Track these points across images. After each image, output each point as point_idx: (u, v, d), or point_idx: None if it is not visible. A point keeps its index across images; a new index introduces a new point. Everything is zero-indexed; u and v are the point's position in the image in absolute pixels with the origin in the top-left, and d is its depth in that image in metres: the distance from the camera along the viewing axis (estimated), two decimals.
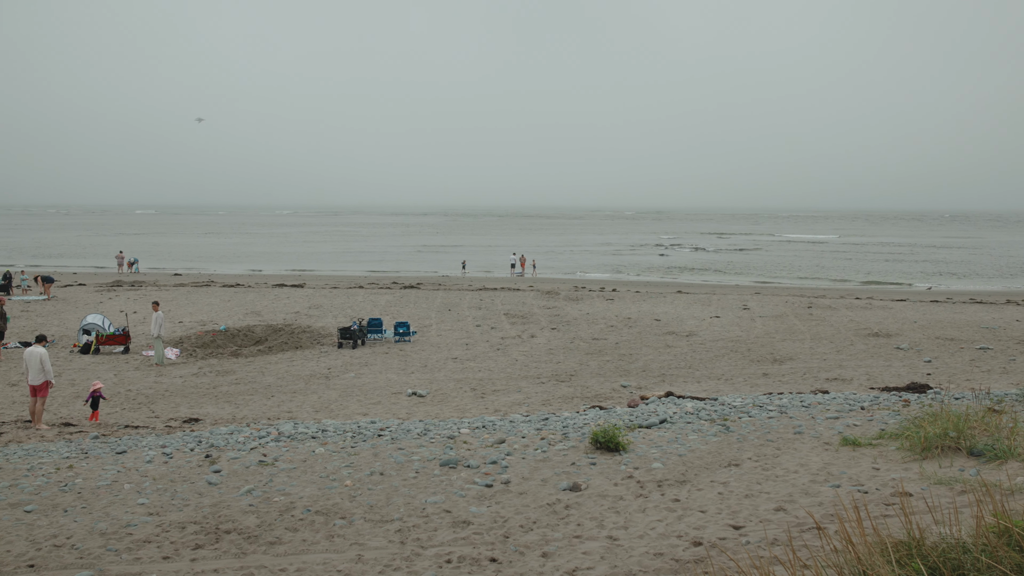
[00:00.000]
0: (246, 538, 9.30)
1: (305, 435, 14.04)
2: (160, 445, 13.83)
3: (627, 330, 30.51)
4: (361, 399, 19.71)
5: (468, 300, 40.03)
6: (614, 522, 9.44)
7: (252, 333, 29.39)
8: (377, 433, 14.08)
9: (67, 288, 47.35)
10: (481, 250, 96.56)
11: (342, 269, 69.61)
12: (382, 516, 9.84)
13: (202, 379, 22.71)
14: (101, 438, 15.18)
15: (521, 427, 14.25)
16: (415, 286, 48.24)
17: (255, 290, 45.60)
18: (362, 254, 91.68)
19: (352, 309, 36.37)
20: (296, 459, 12.44)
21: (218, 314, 35.18)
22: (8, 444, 15.02)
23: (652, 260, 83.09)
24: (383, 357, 25.53)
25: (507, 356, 25.47)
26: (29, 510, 10.43)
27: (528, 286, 48.71)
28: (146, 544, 9.20)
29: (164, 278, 55.92)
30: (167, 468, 12.24)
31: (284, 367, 24.19)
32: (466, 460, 11.99)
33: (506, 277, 59.97)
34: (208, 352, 27.02)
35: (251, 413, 18.28)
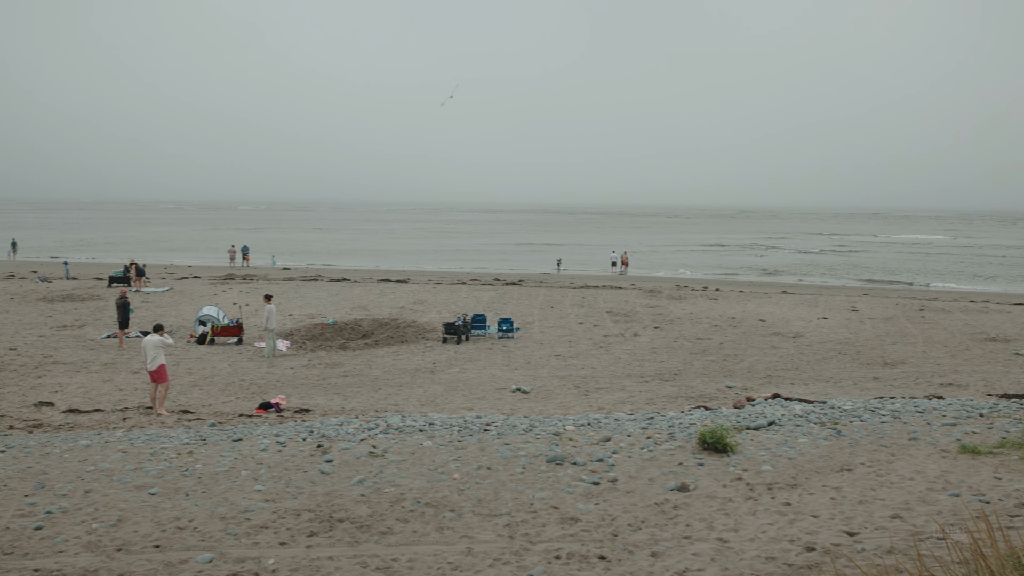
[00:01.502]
0: (359, 527, 9.52)
1: (413, 428, 14.27)
2: (274, 434, 14.24)
3: (732, 330, 30.10)
4: (466, 394, 19.93)
5: (570, 298, 40.03)
6: (724, 524, 9.36)
7: (359, 327, 29.96)
8: (483, 428, 14.22)
9: (183, 281, 49.01)
10: (574, 248, 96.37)
11: (444, 265, 70.39)
12: (490, 510, 9.95)
13: (312, 371, 23.27)
14: (218, 426, 15.71)
15: (626, 425, 14.21)
16: (517, 283, 48.44)
17: (361, 285, 46.43)
18: (461, 251, 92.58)
19: (456, 305, 36.75)
20: (404, 451, 12.66)
21: (326, 308, 35.96)
22: (132, 429, 15.68)
23: (752, 260, 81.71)
24: (487, 353, 25.74)
25: (610, 354, 25.41)
26: (153, 492, 10.87)
27: (629, 284, 48.43)
28: (263, 529, 9.51)
29: (274, 272, 57.41)
30: (281, 456, 12.60)
31: (390, 361, 24.61)
32: (572, 457, 12.03)
33: (606, 275, 59.74)
34: (317, 345, 27.66)
35: (359, 405, 18.65)
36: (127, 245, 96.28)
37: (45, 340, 27.98)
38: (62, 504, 10.47)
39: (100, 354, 25.67)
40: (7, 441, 14.34)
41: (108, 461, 12.58)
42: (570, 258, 75.48)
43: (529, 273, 59.62)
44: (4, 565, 8.64)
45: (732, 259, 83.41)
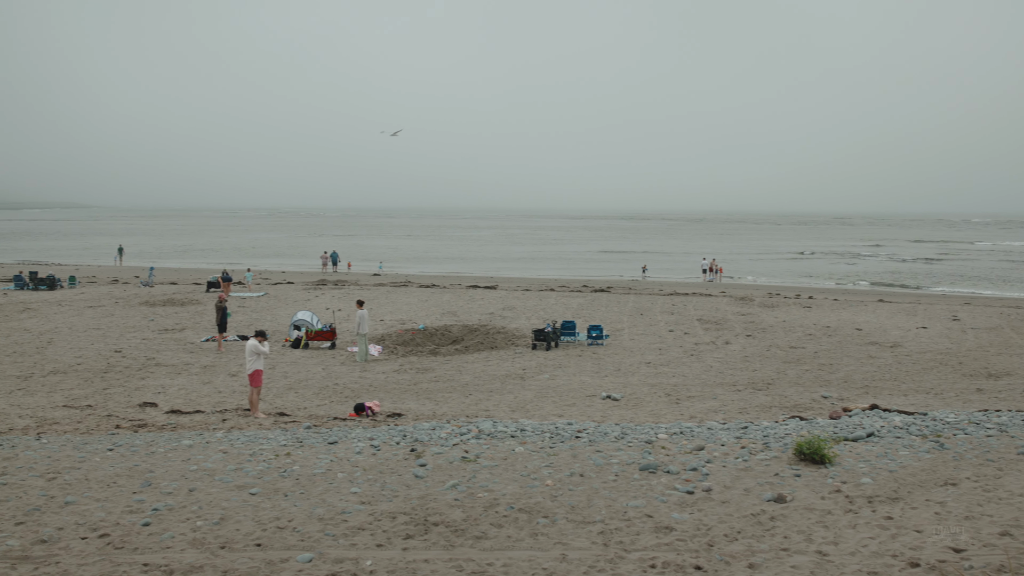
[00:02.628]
0: (453, 531, 9.61)
1: (504, 434, 14.34)
2: (368, 437, 14.46)
3: (826, 339, 29.50)
4: (556, 400, 19.94)
5: (660, 305, 39.74)
6: (823, 537, 9.19)
7: (449, 332, 30.25)
8: (575, 435, 14.21)
9: (277, 286, 50.13)
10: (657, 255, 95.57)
11: (531, 271, 70.59)
12: (584, 517, 9.94)
13: (403, 375, 23.57)
14: (313, 428, 16.04)
15: (719, 435, 14.05)
16: (605, 290, 48.30)
17: (450, 291, 46.85)
18: (547, 257, 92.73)
19: (544, 311, 36.81)
20: (497, 456, 12.73)
21: (416, 313, 36.38)
22: (231, 430, 16.10)
23: (844, 268, 79.94)
24: (576, 360, 25.72)
25: (701, 362, 25.14)
26: (254, 492, 11.15)
27: (720, 292, 47.85)
28: (360, 531, 9.67)
29: (364, 277, 58.33)
30: (376, 460, 12.79)
31: (480, 366, 24.77)
32: (665, 465, 11.94)
33: (696, 282, 59.17)
34: (408, 350, 28.00)
35: (450, 410, 18.82)
36: (225, 251, 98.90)
37: (148, 343, 28.91)
38: (168, 502, 10.82)
39: (200, 357, 26.42)
40: (115, 440, 14.88)
41: (210, 461, 12.94)
42: (654, 265, 74.89)
43: (617, 280, 59.38)
44: (116, 559, 8.96)
45: (824, 266, 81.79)
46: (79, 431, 16.56)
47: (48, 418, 17.94)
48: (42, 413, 18.51)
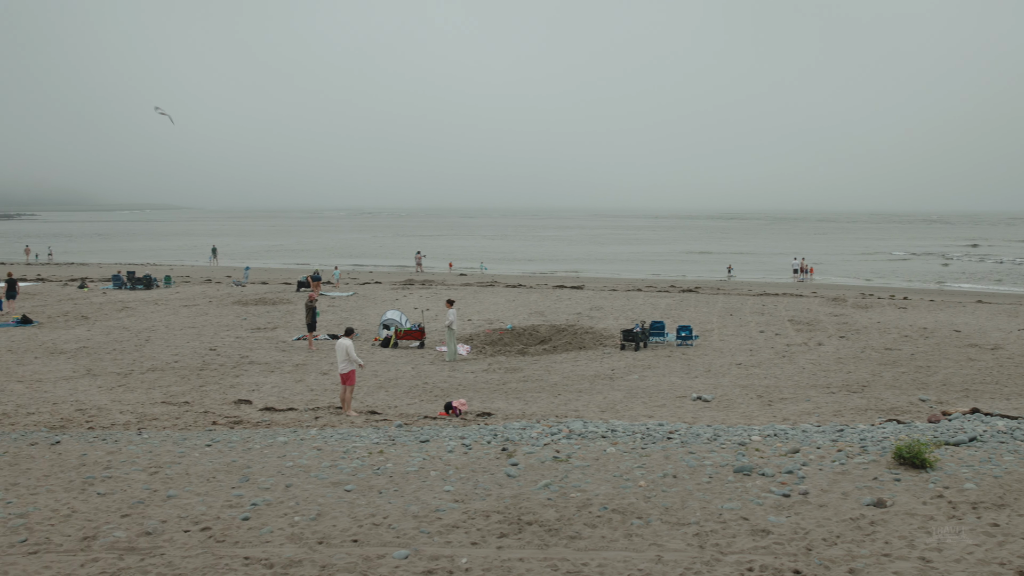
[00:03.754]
0: (547, 530, 9.60)
1: (595, 434, 14.27)
2: (459, 436, 14.54)
3: (923, 341, 28.68)
4: (646, 401, 19.79)
5: (749, 305, 39.17)
6: (925, 543, 8.92)
7: (537, 332, 30.26)
8: (666, 436, 14.07)
9: (365, 286, 50.85)
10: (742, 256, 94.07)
11: (617, 271, 70.27)
12: (678, 519, 9.83)
13: (492, 375, 23.66)
14: (405, 427, 16.20)
15: (815, 437, 13.76)
16: (694, 290, 47.81)
17: (537, 291, 46.91)
18: (632, 257, 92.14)
19: (632, 311, 36.60)
20: (588, 457, 12.67)
21: (504, 313, 36.51)
22: (324, 428, 16.36)
23: (939, 268, 77.64)
24: (666, 360, 25.49)
25: (793, 364, 24.68)
26: (349, 489, 11.30)
27: (811, 292, 46.96)
28: (455, 529, 9.72)
29: (451, 277, 58.78)
30: (467, 458, 12.85)
31: (569, 367, 24.73)
32: (760, 468, 11.74)
33: (785, 282, 58.16)
34: (496, 349, 28.10)
35: (540, 410, 18.82)
36: (314, 252, 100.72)
37: (241, 341, 29.57)
38: (266, 497, 11.03)
39: (291, 355, 26.92)
40: (212, 436, 15.25)
41: (305, 458, 13.17)
42: (740, 266, 73.79)
43: (704, 280, 58.71)
44: (217, 552, 9.17)
45: (917, 266, 79.62)
46: (178, 427, 17.03)
47: (148, 414, 18.48)
48: (142, 409, 19.07)
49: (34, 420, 17.78)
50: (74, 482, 12.01)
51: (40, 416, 18.19)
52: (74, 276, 57.86)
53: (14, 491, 11.59)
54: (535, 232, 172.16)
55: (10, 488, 11.74)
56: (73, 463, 13.09)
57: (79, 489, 11.65)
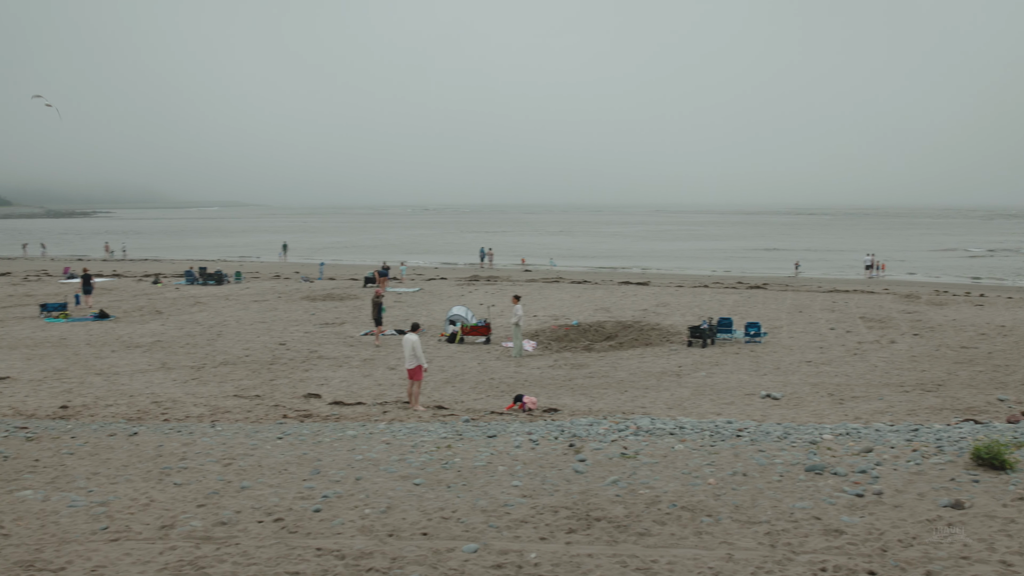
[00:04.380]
0: (616, 527, 9.56)
1: (663, 431, 14.18)
2: (526, 432, 14.56)
3: (1001, 339, 27.94)
4: (714, 398, 19.60)
5: (819, 302, 38.57)
6: (1007, 546, 8.69)
7: (603, 329, 30.16)
8: (735, 433, 13.93)
9: (431, 281, 51.19)
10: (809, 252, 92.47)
11: (683, 268, 69.74)
12: (749, 517, 9.72)
13: (558, 371, 23.64)
14: (472, 422, 16.27)
15: (888, 437, 13.50)
16: (761, 286, 47.24)
17: (602, 287, 46.77)
18: (697, 253, 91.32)
19: (699, 308, 36.29)
20: (656, 454, 12.60)
21: (569, 309, 36.47)
22: (392, 422, 16.51)
23: (1017, 264, 75.51)
24: (734, 357, 25.22)
25: (865, 362, 24.22)
26: (418, 483, 11.39)
27: (883, 289, 46.08)
28: (523, 524, 9.74)
29: (516, 273, 58.91)
30: (535, 454, 12.86)
31: (635, 363, 24.60)
32: (832, 467, 11.55)
33: (856, 279, 57.14)
34: (562, 346, 28.07)
35: (606, 406, 18.76)
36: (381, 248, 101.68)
37: (310, 336, 29.97)
38: (336, 489, 11.17)
39: (359, 350, 27.20)
40: (283, 429, 15.49)
41: (374, 451, 13.30)
42: (807, 262, 72.62)
43: (772, 276, 57.94)
44: (290, 543, 9.31)
45: (993, 262, 77.55)
46: (249, 420, 17.33)
47: (220, 407, 18.83)
48: (215, 402, 19.44)
49: (112, 412, 18.25)
50: (152, 472, 12.30)
51: (118, 408, 18.66)
52: (148, 272, 59.21)
53: (95, 480, 11.92)
54: (599, 228, 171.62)
55: (91, 477, 12.07)
56: (150, 454, 13.40)
57: (156, 479, 11.93)
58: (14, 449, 13.81)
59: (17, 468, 12.64)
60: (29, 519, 10.29)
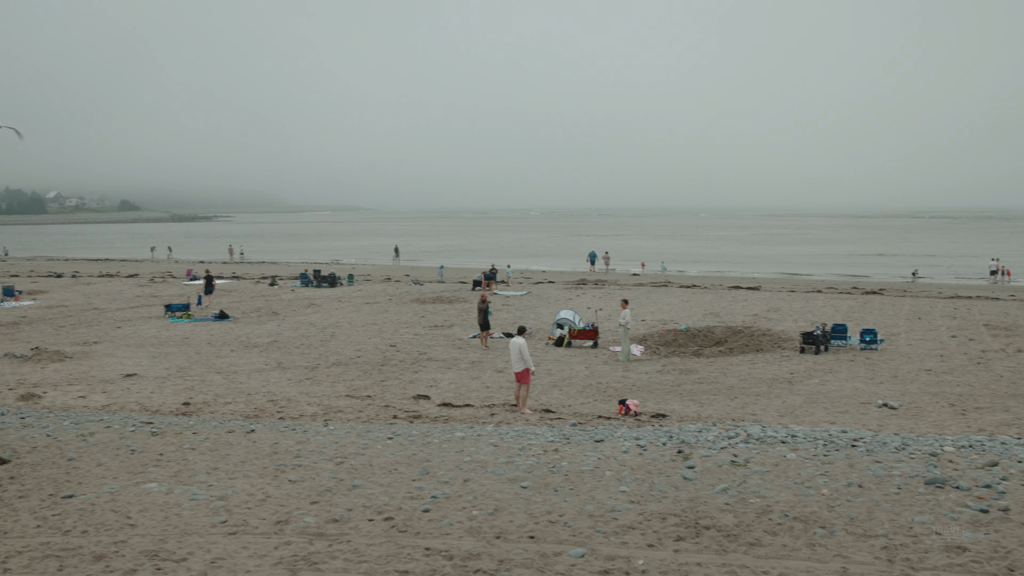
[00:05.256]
0: (725, 536, 9.41)
1: (774, 439, 13.90)
2: (634, 437, 14.46)
3: None
4: (827, 407, 19.10)
5: (940, 308, 37.24)
6: None
7: (712, 334, 29.72)
8: (850, 443, 13.56)
9: (538, 285, 51.32)
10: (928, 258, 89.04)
11: (795, 272, 68.20)
12: (864, 530, 9.44)
13: (666, 376, 23.40)
14: (579, 426, 16.24)
15: (1015, 450, 12.94)
16: (878, 292, 45.88)
17: (711, 292, 46.14)
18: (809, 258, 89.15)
19: (812, 313, 35.44)
20: (767, 462, 12.36)
21: (677, 314, 36.07)
22: (500, 425, 16.60)
23: None
24: (848, 364, 24.53)
25: (990, 371, 23.25)
26: (525, 486, 11.43)
27: (1008, 295, 44.20)
28: (630, 530, 9.67)
29: (624, 277, 58.57)
30: (642, 460, 12.76)
31: (745, 369, 24.16)
32: (954, 480, 11.13)
33: (978, 284, 54.95)
34: (670, 350, 27.77)
35: (715, 413, 18.47)
36: (491, 251, 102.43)
37: (419, 338, 30.38)
38: (445, 490, 11.29)
39: (467, 353, 27.43)
40: (393, 429, 15.74)
41: (482, 453, 13.40)
42: (926, 268, 70.03)
43: (888, 282, 56.19)
44: (400, 541, 9.45)
45: None
46: (361, 419, 17.65)
47: (333, 406, 19.24)
48: (328, 401, 19.87)
49: (231, 409, 18.84)
50: (267, 469, 12.65)
51: (236, 406, 19.25)
52: (265, 274, 60.98)
53: (215, 475, 12.33)
54: (708, 232, 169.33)
55: (211, 472, 12.49)
56: (266, 451, 13.79)
57: (272, 475, 12.27)
58: (140, 443, 14.39)
59: (143, 461, 13.17)
60: (154, 511, 10.71)
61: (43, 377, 22.96)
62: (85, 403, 19.62)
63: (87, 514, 10.66)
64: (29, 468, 12.87)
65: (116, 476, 12.40)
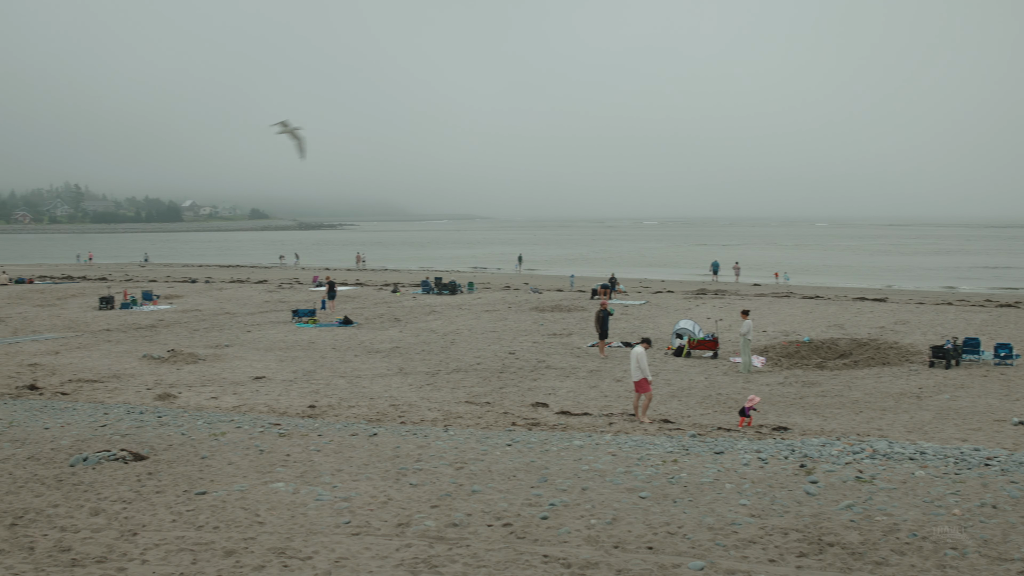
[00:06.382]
0: (850, 553, 9.21)
1: (901, 455, 13.50)
2: (755, 450, 14.26)
3: None
4: (958, 423, 18.41)
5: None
6: None
7: (836, 346, 29.00)
8: (983, 462, 13.06)
9: (657, 294, 50.96)
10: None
11: (921, 284, 65.92)
12: (999, 553, 9.10)
13: (788, 388, 22.95)
14: (698, 437, 16.09)
15: None
16: (1013, 304, 43.93)
17: (835, 302, 44.98)
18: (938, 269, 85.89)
19: (942, 326, 34.18)
20: (894, 479, 12.02)
21: (800, 325, 35.31)
22: (618, 434, 16.58)
23: None
24: (981, 380, 23.57)
25: None
26: (643, 496, 11.41)
27: None
28: (751, 544, 9.55)
29: (744, 288, 57.61)
30: (763, 473, 12.58)
31: (871, 383, 23.49)
32: None
33: None
34: (792, 362, 27.22)
35: (839, 427, 18.03)
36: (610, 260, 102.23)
37: (538, 346, 30.55)
38: (563, 498, 11.37)
39: (586, 361, 27.46)
40: (512, 436, 15.90)
41: (600, 462, 13.42)
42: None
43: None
44: (518, 548, 9.57)
45: None
46: (480, 426, 17.87)
47: (453, 412, 19.53)
48: (447, 407, 20.18)
49: (354, 413, 19.34)
50: (389, 472, 12.96)
51: (359, 409, 19.75)
52: (387, 281, 62.25)
53: (339, 477, 12.70)
54: (830, 242, 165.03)
55: (335, 474, 12.87)
56: (388, 454, 14.13)
57: (394, 479, 12.57)
58: (269, 444, 14.93)
59: (271, 461, 13.67)
60: (281, 510, 11.11)
61: (178, 378, 24.01)
62: (217, 404, 20.44)
63: (218, 511, 11.14)
64: (165, 465, 13.51)
65: (246, 475, 12.90)
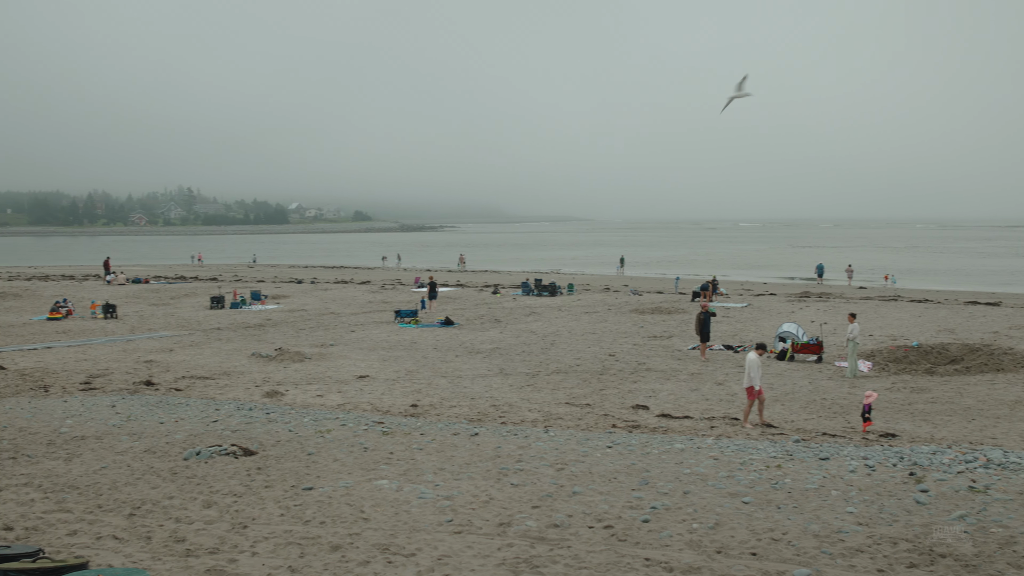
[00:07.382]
0: (963, 566, 8.97)
1: (1018, 465, 13.05)
2: (861, 456, 13.96)
3: None
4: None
5: None
6: None
7: (946, 351, 28.11)
8: None
9: (759, 297, 50.18)
10: None
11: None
12: None
13: (895, 395, 22.36)
14: (803, 442, 15.82)
15: None
16: None
17: (945, 307, 43.61)
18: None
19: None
20: (1010, 490, 11.63)
21: (908, 329, 34.35)
22: (720, 438, 16.41)
23: None
24: None
25: None
26: (746, 501, 11.30)
27: None
28: (858, 553, 9.38)
29: (850, 291, 56.29)
30: (871, 480, 12.32)
31: (984, 389, 22.72)
32: None
33: None
34: (900, 368, 26.50)
35: (950, 434, 17.50)
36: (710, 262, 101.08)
37: (638, 348, 30.41)
38: (664, 501, 11.34)
39: (687, 364, 27.23)
40: (612, 438, 15.90)
41: (701, 466, 13.33)
42: None
43: None
44: (619, 550, 9.59)
45: None
46: (580, 427, 17.90)
47: (553, 413, 19.61)
48: (548, 408, 20.26)
49: (455, 412, 19.58)
50: (491, 472, 13.11)
51: (460, 409, 19.99)
52: (488, 283, 62.70)
53: (441, 475, 12.91)
54: (943, 244, 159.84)
55: (438, 472, 13.09)
56: (489, 454, 14.28)
57: (495, 478, 12.71)
58: (373, 441, 15.25)
59: (375, 459, 13.96)
60: (385, 507, 11.35)
61: (285, 376, 24.67)
62: (322, 402, 20.94)
63: (325, 506, 11.45)
64: (273, 460, 13.93)
65: (351, 472, 13.21)
